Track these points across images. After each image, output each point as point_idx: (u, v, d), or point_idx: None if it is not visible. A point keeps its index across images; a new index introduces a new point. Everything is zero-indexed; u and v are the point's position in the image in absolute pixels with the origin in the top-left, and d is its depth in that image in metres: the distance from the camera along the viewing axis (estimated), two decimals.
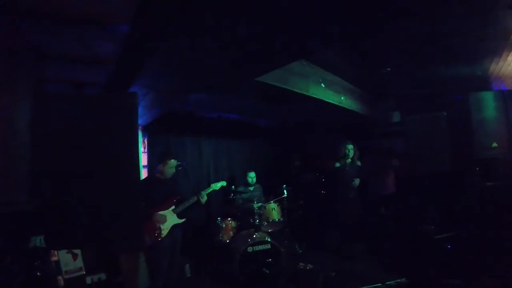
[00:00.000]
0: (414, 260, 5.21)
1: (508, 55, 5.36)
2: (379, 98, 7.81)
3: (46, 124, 2.60)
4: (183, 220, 5.00)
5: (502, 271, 4.59)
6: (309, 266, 5.73)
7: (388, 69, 5.88)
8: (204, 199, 5.08)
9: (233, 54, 3.61)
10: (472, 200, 5.32)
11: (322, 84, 5.90)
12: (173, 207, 4.94)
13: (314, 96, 5.78)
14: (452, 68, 6.07)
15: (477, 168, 5.43)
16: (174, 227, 4.91)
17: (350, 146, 6.64)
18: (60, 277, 4.30)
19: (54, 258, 4.54)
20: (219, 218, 6.36)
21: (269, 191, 7.19)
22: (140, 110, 5.18)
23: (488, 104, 5.60)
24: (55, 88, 4.10)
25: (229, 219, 6.37)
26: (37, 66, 2.77)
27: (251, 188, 7.17)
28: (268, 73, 4.64)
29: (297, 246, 6.82)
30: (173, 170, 5.01)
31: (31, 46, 2.55)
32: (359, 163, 6.73)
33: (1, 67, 2.34)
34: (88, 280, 5.13)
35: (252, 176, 7.17)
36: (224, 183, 5.50)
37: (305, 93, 5.57)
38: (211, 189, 5.29)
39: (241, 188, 7.13)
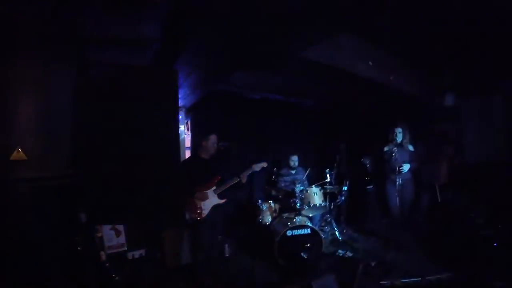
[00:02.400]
0: (459, 256, 4.98)
1: None
2: (432, 78, 7.35)
3: (87, 100, 2.64)
4: (224, 200, 5.04)
5: None
6: (349, 254, 5.65)
7: None
8: (245, 180, 5.06)
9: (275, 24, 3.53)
10: None
11: (370, 62, 5.66)
12: (214, 187, 4.98)
13: (361, 74, 5.56)
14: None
15: None
16: (215, 207, 4.97)
17: (399, 130, 6.33)
18: (102, 252, 4.48)
19: (99, 234, 4.73)
20: (260, 200, 6.39)
21: (312, 175, 7.09)
22: (183, 91, 5.23)
23: None
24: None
25: (270, 201, 6.38)
26: (79, 48, 2.83)
27: (294, 171, 7.11)
28: (313, 45, 4.49)
29: (337, 233, 6.71)
30: (215, 145, 5.01)
31: (73, 29, 2.59)
32: (411, 147, 6.40)
33: (43, 50, 2.40)
34: (130, 255, 5.34)
35: (294, 159, 7.11)
36: (265, 164, 5.40)
37: (351, 70, 5.36)
38: (252, 170, 5.22)
39: (283, 171, 7.10)
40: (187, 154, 6.29)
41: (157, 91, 2.80)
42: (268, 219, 6.22)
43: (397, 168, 6.03)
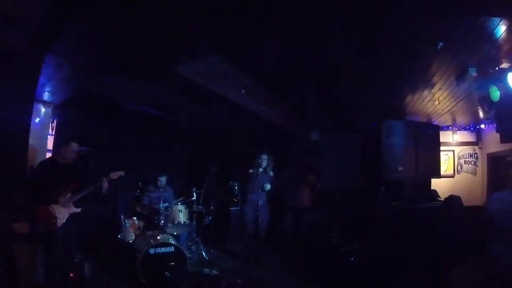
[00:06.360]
0: (321, 270, 5.34)
1: (423, 91, 5.75)
2: (299, 115, 8.00)
3: None
4: (79, 209, 4.70)
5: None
6: (214, 272, 5.61)
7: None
8: (104, 186, 4.79)
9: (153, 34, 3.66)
10: (377, 217, 5.59)
11: (242, 90, 5.89)
12: (69, 194, 4.62)
13: (233, 99, 5.75)
14: (370, 95, 6.34)
15: (382, 188, 5.73)
16: (71, 217, 4.59)
17: (264, 156, 6.74)
18: None
19: None
20: (122, 216, 6.04)
21: (180, 193, 6.99)
22: (53, 85, 4.79)
23: (399, 132, 5.94)
24: None
25: (134, 218, 6.08)
26: None
27: (161, 189, 6.95)
28: (187, 63, 4.65)
29: (203, 251, 6.63)
30: (74, 154, 4.75)
31: None
32: (271, 173, 6.81)
33: None
34: None
35: (162, 179, 7.00)
36: (122, 173, 5.18)
37: (224, 94, 5.52)
38: (109, 178, 4.93)
39: (150, 187, 6.85)
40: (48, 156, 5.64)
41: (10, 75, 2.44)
42: (131, 236, 5.87)
43: (259, 190, 6.32)
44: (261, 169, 6.63)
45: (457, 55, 4.26)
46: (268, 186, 6.45)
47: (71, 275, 4.70)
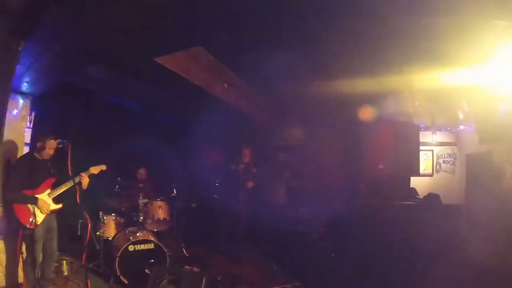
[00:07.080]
0: (301, 266, 5.38)
1: (405, 91, 5.84)
2: (280, 111, 8.02)
3: None
4: (59, 206, 4.56)
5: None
6: (195, 269, 5.55)
7: None
8: (84, 181, 4.62)
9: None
10: (357, 214, 5.64)
11: (225, 84, 5.87)
12: (48, 190, 4.49)
13: (214, 94, 5.73)
14: (351, 93, 6.37)
15: (361, 185, 5.80)
16: (50, 213, 4.47)
17: (246, 152, 6.74)
18: None
19: None
20: (101, 212, 5.91)
21: (160, 189, 6.89)
22: (32, 75, 4.66)
23: (379, 131, 6.01)
24: None
25: (112, 214, 5.98)
26: None
27: (141, 185, 6.85)
28: (168, 54, 4.62)
29: (184, 248, 6.56)
30: (52, 151, 4.57)
31: None
32: (254, 169, 6.80)
33: None
34: None
35: (142, 172, 6.91)
36: (104, 166, 5.01)
37: (205, 88, 5.48)
38: (89, 173, 4.76)
39: (130, 183, 6.74)
40: (26, 151, 5.49)
41: None
42: (110, 233, 5.79)
43: (241, 186, 6.32)
44: (242, 165, 6.65)
45: (438, 55, 4.33)
46: (249, 182, 6.46)
47: (52, 272, 4.61)
